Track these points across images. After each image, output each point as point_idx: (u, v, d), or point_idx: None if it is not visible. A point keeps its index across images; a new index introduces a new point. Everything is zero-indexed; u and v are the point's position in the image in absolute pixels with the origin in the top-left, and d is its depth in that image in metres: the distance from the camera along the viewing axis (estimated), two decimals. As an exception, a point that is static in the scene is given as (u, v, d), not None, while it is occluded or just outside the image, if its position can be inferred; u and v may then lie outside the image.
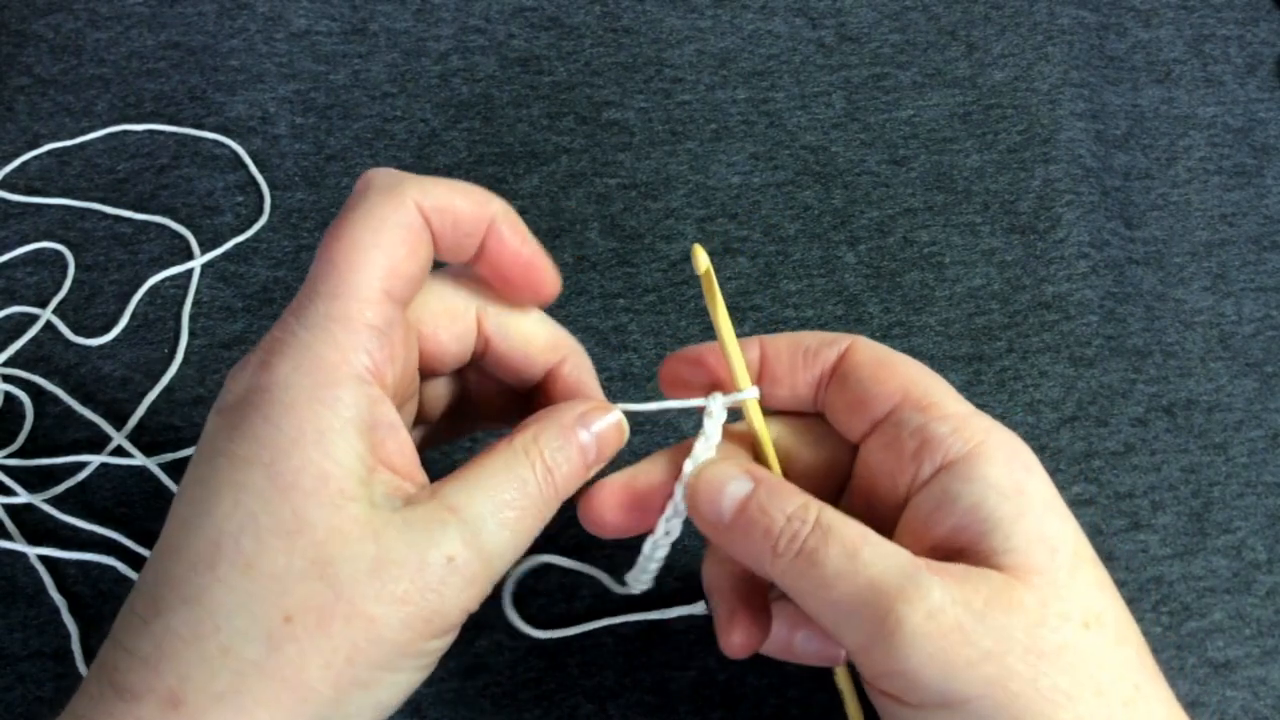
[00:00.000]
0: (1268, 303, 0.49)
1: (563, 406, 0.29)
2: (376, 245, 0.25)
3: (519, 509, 0.26)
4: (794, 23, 0.57)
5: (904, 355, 0.30)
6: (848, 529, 0.27)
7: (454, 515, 0.25)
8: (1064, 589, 0.25)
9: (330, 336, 0.25)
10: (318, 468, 0.24)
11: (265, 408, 0.24)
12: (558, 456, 0.28)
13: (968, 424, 0.28)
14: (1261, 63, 0.57)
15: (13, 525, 0.41)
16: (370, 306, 0.25)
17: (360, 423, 0.25)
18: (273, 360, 0.25)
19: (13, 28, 0.54)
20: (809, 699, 0.39)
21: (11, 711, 0.38)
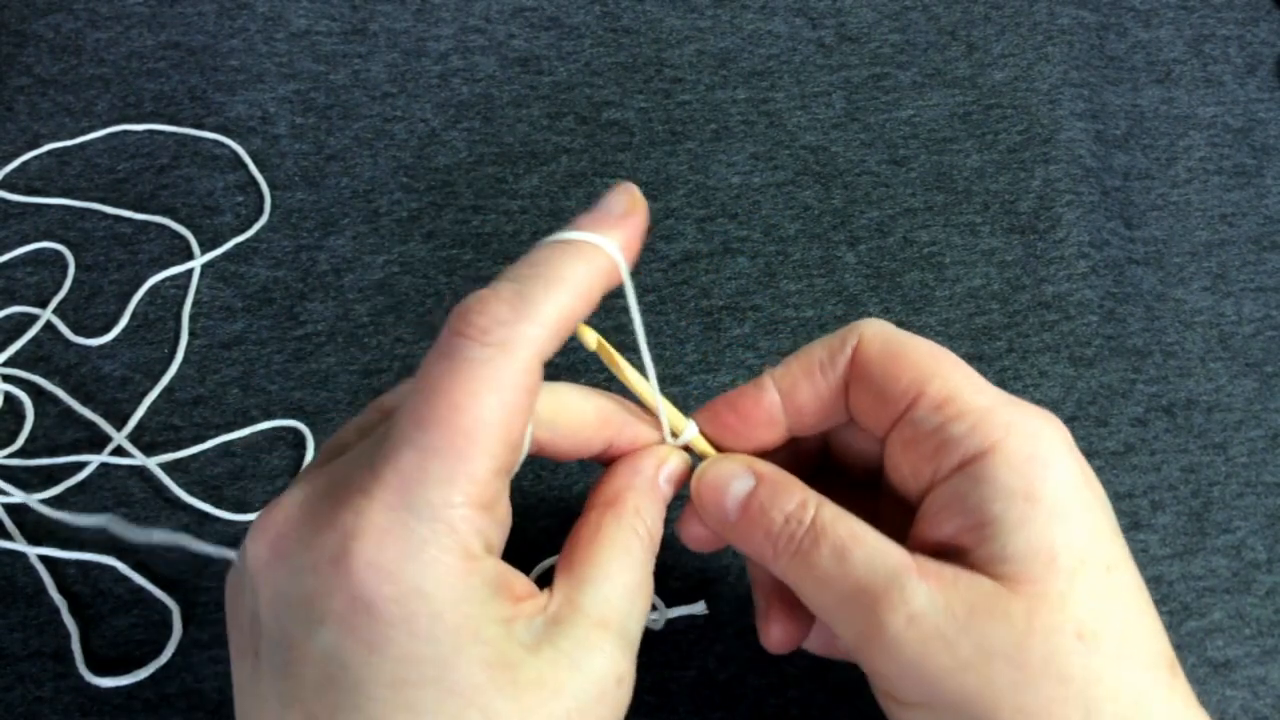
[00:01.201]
0: (1267, 303, 0.49)
1: (643, 461, 0.29)
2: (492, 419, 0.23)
3: (644, 587, 0.27)
4: (794, 23, 0.57)
5: (915, 340, 0.28)
6: (840, 528, 0.27)
7: (603, 629, 0.25)
8: (1057, 599, 0.24)
9: (450, 529, 0.22)
10: (481, 660, 0.22)
11: (409, 621, 0.22)
12: (656, 519, 0.28)
13: (986, 420, 0.26)
14: (1261, 63, 0.57)
15: (13, 525, 0.41)
16: (483, 490, 0.23)
17: (493, 594, 0.23)
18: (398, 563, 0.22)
19: (13, 28, 0.54)
20: (809, 699, 0.39)
21: (11, 711, 0.38)
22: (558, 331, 0.24)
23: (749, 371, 0.46)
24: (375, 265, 0.48)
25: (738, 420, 0.30)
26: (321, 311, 0.46)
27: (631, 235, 0.26)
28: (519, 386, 0.23)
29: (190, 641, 0.39)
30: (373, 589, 0.22)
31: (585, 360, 0.46)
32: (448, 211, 0.49)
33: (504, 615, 0.23)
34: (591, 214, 0.26)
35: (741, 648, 0.40)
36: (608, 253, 0.24)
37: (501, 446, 0.23)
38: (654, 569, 0.28)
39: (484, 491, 0.23)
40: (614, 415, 0.30)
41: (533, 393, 0.24)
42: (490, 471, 0.23)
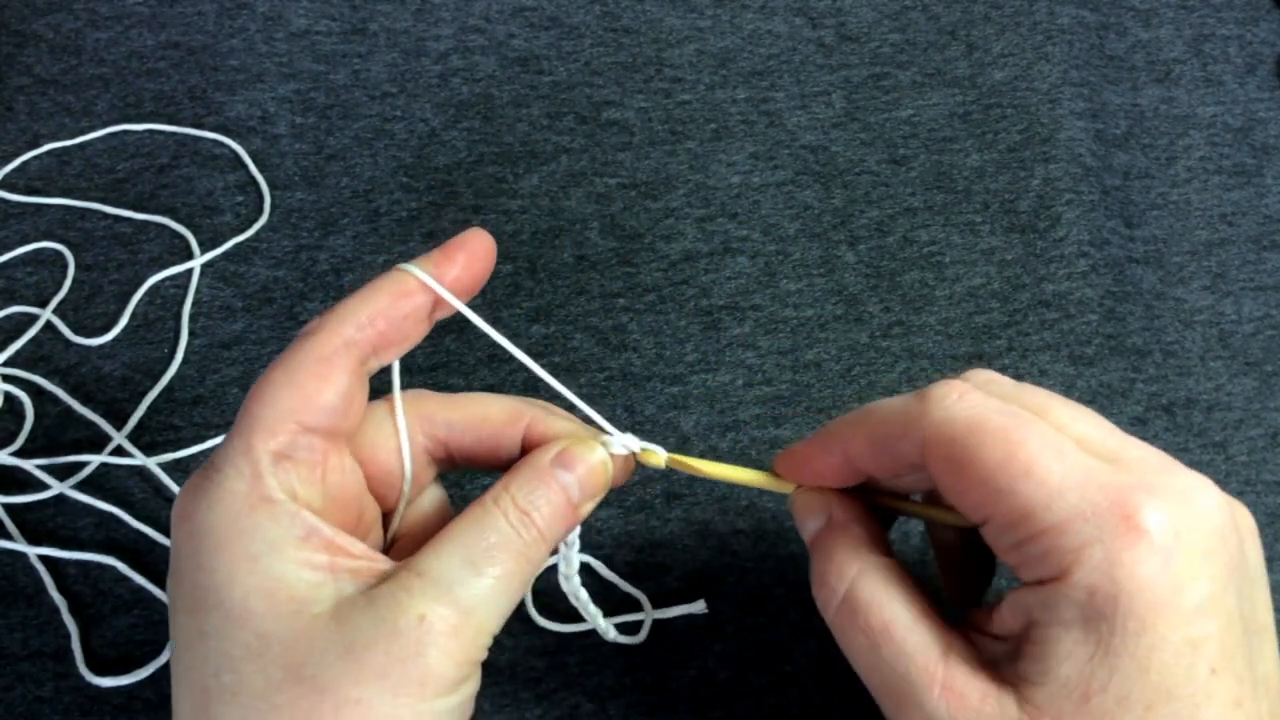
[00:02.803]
0: (1267, 302, 0.49)
1: (537, 451, 0.29)
2: (286, 381, 0.27)
3: (494, 557, 0.26)
4: (794, 22, 0.57)
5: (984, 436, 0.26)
6: (874, 617, 0.27)
7: (420, 578, 0.25)
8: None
9: (238, 471, 0.26)
10: (261, 588, 0.25)
11: (198, 556, 0.25)
12: (534, 499, 0.28)
13: (1059, 544, 0.24)
14: (1261, 63, 0.57)
15: (13, 525, 0.41)
16: (274, 436, 0.26)
17: (291, 537, 0.25)
18: (190, 508, 0.26)
19: (13, 28, 0.54)
20: (809, 699, 0.39)
21: (12, 711, 0.38)
22: (363, 320, 0.28)
23: (749, 371, 0.46)
24: (375, 265, 0.48)
25: (809, 473, 0.31)
26: (321, 311, 0.46)
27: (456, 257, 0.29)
28: (312, 359, 0.27)
29: (190, 641, 0.39)
30: (178, 536, 0.26)
31: (585, 360, 0.46)
32: (448, 211, 0.49)
33: (309, 559, 0.25)
34: None
35: (741, 647, 0.40)
36: (409, 270, 0.28)
37: (292, 405, 0.26)
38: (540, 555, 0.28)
39: (278, 441, 0.26)
40: (526, 412, 0.30)
41: (331, 364, 0.27)
42: (282, 425, 0.26)
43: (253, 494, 0.26)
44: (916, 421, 0.27)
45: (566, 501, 0.28)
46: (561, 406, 0.31)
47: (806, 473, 0.31)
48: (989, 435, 0.26)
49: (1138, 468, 0.25)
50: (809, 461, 0.30)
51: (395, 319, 0.28)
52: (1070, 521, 0.24)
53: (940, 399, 0.27)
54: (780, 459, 0.31)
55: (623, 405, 0.44)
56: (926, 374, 0.46)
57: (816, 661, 0.39)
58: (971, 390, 0.27)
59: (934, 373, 0.46)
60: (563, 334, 0.46)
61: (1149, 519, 0.24)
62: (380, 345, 0.28)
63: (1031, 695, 0.25)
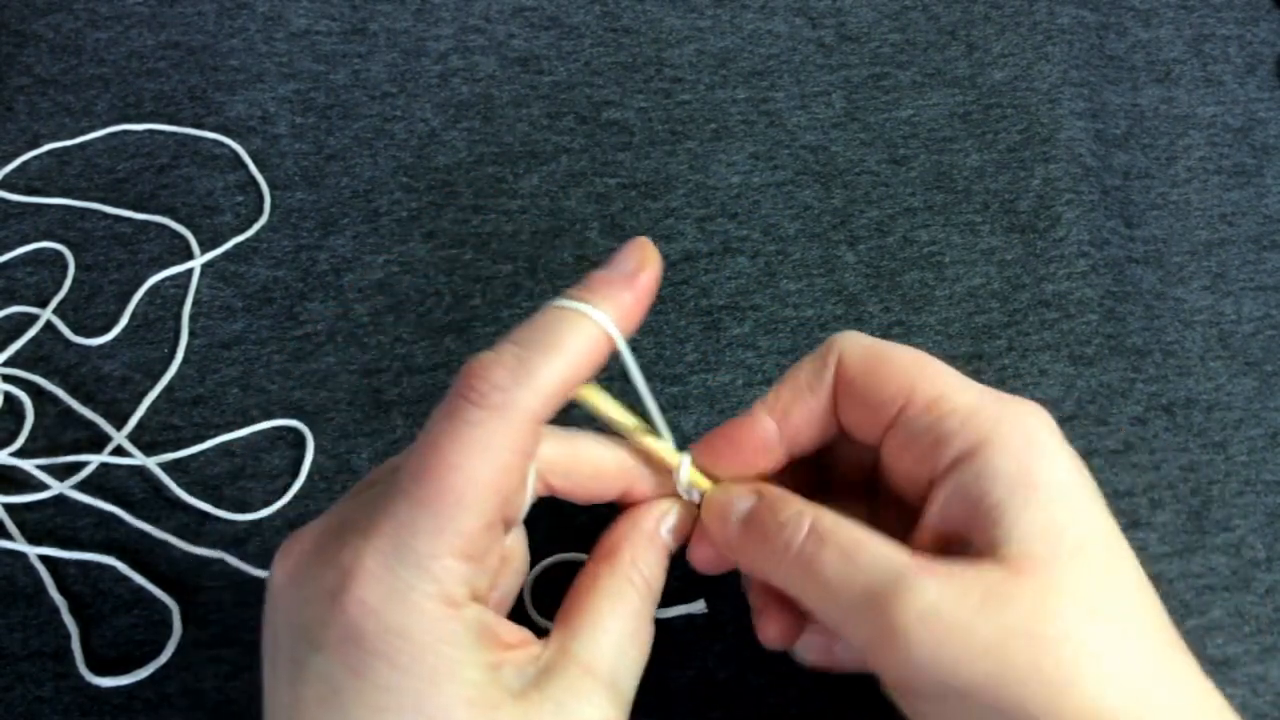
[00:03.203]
0: (1267, 302, 0.49)
1: (642, 514, 0.31)
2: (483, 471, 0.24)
3: (638, 636, 0.28)
4: (794, 22, 0.57)
5: (895, 347, 0.29)
6: (842, 533, 0.27)
7: (592, 677, 0.26)
8: (1065, 579, 0.25)
9: (430, 576, 0.24)
10: (461, 698, 0.24)
11: (391, 656, 0.24)
12: (655, 569, 0.30)
13: (977, 414, 0.27)
14: (1261, 63, 0.57)
15: (13, 525, 0.41)
16: (470, 543, 0.25)
17: (475, 638, 0.25)
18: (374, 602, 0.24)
19: (13, 28, 0.54)
20: (809, 699, 0.39)
21: (12, 711, 0.38)
22: (553, 397, 0.26)
23: (749, 371, 0.46)
24: (375, 265, 0.48)
25: (734, 450, 0.31)
26: (321, 311, 0.46)
27: (636, 296, 0.27)
28: (511, 448, 0.25)
29: (190, 641, 0.39)
30: (360, 624, 0.24)
31: (585, 360, 0.46)
32: (448, 211, 0.49)
33: (488, 660, 0.25)
34: (602, 272, 0.27)
35: (741, 647, 0.40)
36: (589, 316, 0.26)
37: (489, 504, 0.25)
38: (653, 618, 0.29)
39: (469, 545, 0.24)
40: (631, 467, 0.31)
41: (526, 454, 0.26)
42: (476, 527, 0.24)
43: (441, 599, 0.24)
44: (831, 348, 0.30)
45: (666, 559, 0.31)
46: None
47: (732, 453, 0.31)
48: (898, 346, 0.29)
49: None
50: (735, 436, 0.30)
51: (579, 384, 0.27)
52: (982, 400, 0.28)
53: (844, 334, 0.30)
54: (700, 446, 0.31)
55: (623, 405, 0.44)
56: (926, 374, 0.46)
57: (816, 661, 0.39)
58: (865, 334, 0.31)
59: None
60: (563, 334, 0.46)
61: (1038, 406, 0.28)
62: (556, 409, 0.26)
63: (1005, 555, 0.25)
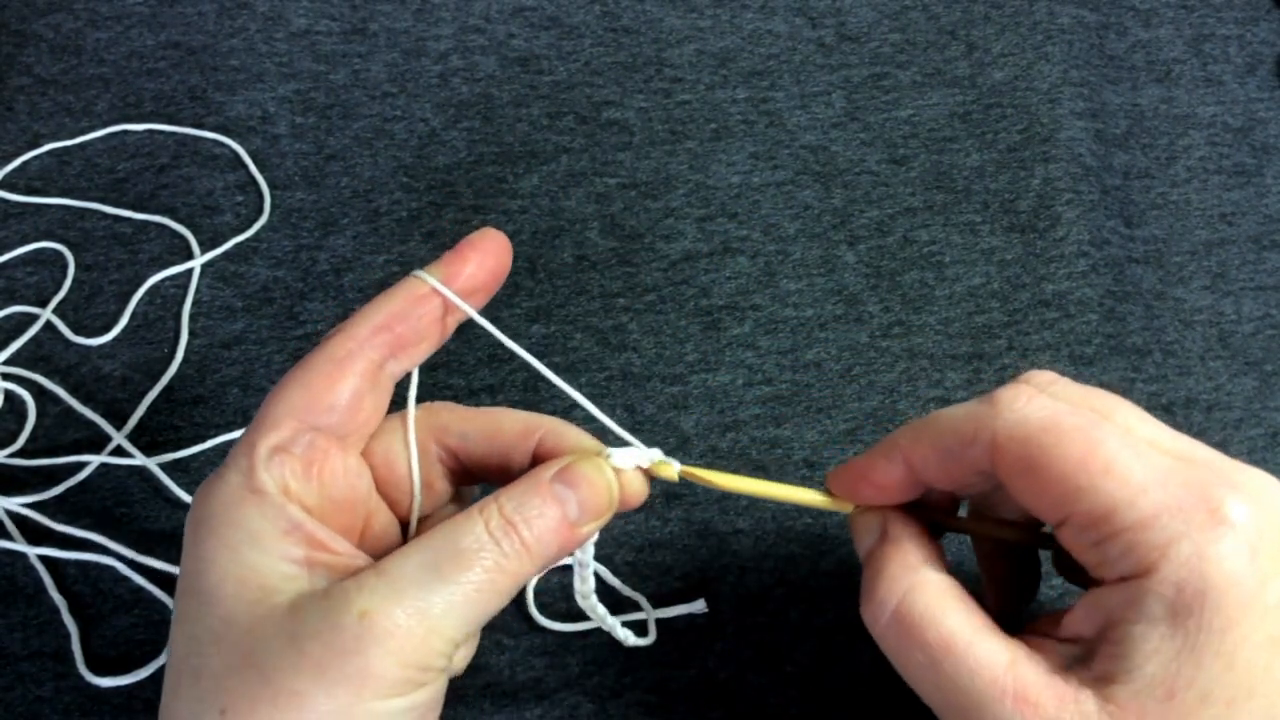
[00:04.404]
0: (1267, 301, 0.49)
1: (541, 466, 0.28)
2: (297, 382, 0.28)
3: (462, 562, 0.26)
4: (794, 22, 0.57)
5: (1060, 435, 0.26)
6: (931, 633, 0.26)
7: (379, 576, 0.25)
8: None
9: (237, 464, 0.27)
10: (233, 575, 0.26)
11: (191, 544, 0.27)
12: (525, 511, 0.27)
13: (1143, 540, 0.25)
14: (1261, 63, 0.57)
15: (13, 525, 0.41)
16: (275, 432, 0.27)
17: (273, 529, 0.26)
18: (198, 497, 0.27)
19: (13, 28, 0.54)
20: (809, 699, 0.39)
21: (11, 711, 0.38)
22: (374, 328, 0.28)
23: (749, 371, 0.46)
24: (375, 265, 0.48)
25: (867, 487, 0.30)
26: (321, 311, 0.46)
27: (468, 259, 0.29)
28: (324, 360, 0.28)
29: (190, 641, 0.39)
30: (186, 525, 0.27)
31: (585, 360, 0.46)
32: (448, 211, 0.49)
33: (287, 553, 0.26)
34: None
35: (741, 647, 0.40)
36: (421, 276, 0.29)
37: (298, 403, 0.27)
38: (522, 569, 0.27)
39: (276, 437, 0.27)
40: (539, 425, 0.30)
41: (342, 365, 0.28)
42: (283, 421, 0.27)
43: (244, 486, 0.26)
44: (987, 424, 0.27)
45: (562, 519, 0.27)
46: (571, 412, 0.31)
47: (864, 487, 0.30)
48: (1065, 435, 0.26)
49: (1211, 465, 0.26)
50: (869, 474, 0.30)
51: (410, 322, 0.29)
52: (1156, 517, 0.24)
53: (1010, 402, 0.27)
54: (835, 475, 0.31)
55: (623, 405, 0.44)
56: (926, 374, 0.46)
57: (816, 661, 0.39)
58: (1039, 394, 0.27)
59: (934, 372, 0.46)
60: (563, 334, 0.46)
61: (1234, 512, 0.24)
62: (396, 348, 0.29)
63: (1113, 694, 0.24)
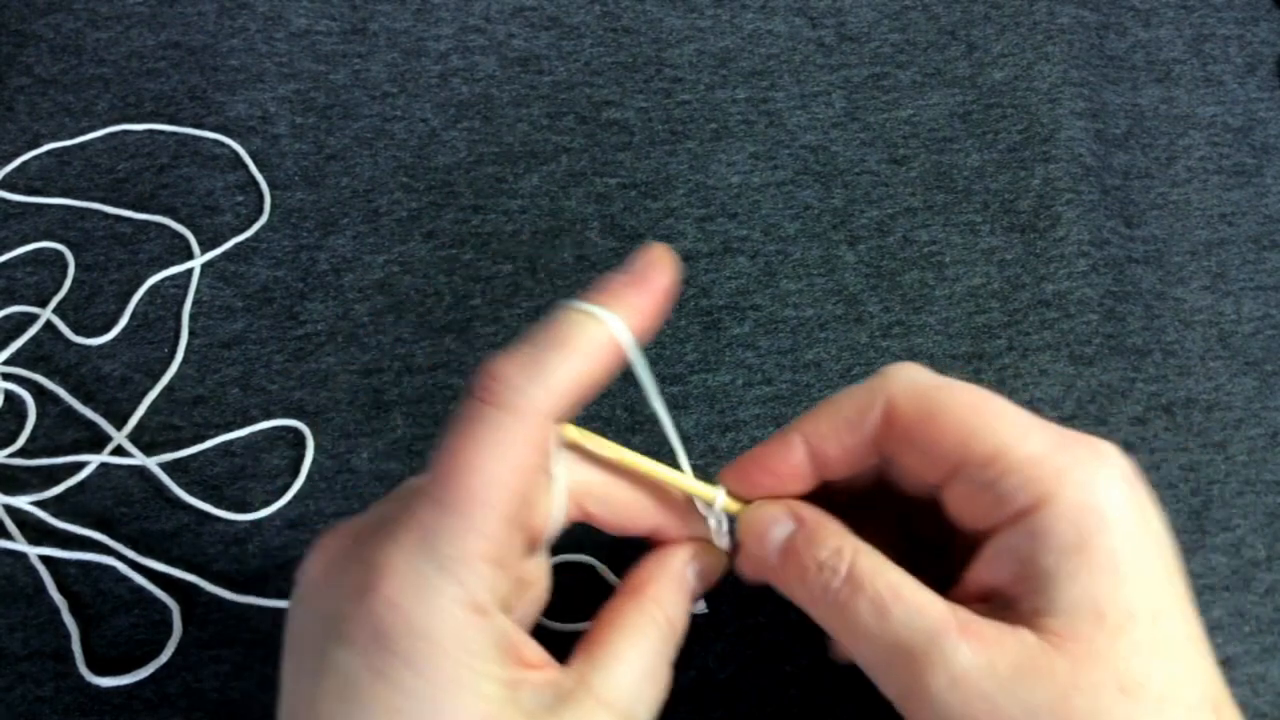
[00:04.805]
0: (1267, 301, 0.49)
1: (671, 554, 0.30)
2: (498, 471, 0.24)
3: (656, 675, 0.28)
4: (794, 22, 0.57)
5: (950, 392, 0.28)
6: (879, 582, 0.26)
7: (607, 710, 0.26)
8: (1103, 655, 0.24)
9: (456, 579, 0.24)
10: (476, 712, 0.24)
11: (412, 659, 0.23)
12: (678, 610, 0.29)
13: (1036, 472, 0.26)
14: (1261, 63, 0.57)
15: (13, 525, 0.41)
16: (492, 543, 0.24)
17: (498, 651, 0.25)
18: (402, 601, 0.24)
19: (13, 28, 0.54)
20: (809, 699, 0.39)
21: (12, 711, 0.38)
22: (566, 395, 0.25)
23: (749, 371, 0.46)
24: (375, 265, 0.48)
25: (767, 478, 0.30)
26: (321, 311, 0.46)
27: (650, 300, 0.28)
28: (527, 445, 0.25)
29: (190, 641, 0.39)
30: (386, 621, 0.24)
31: (585, 360, 0.46)
32: (448, 211, 0.49)
33: (508, 677, 0.24)
34: (616, 276, 0.28)
35: (741, 647, 0.40)
36: (601, 319, 0.26)
37: (509, 504, 0.25)
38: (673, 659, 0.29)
39: (494, 547, 0.24)
40: (667, 502, 0.31)
41: (542, 451, 0.25)
42: (500, 529, 0.24)
43: (469, 604, 0.24)
44: (882, 388, 0.28)
45: (690, 601, 0.30)
46: None
47: (761, 476, 0.30)
48: (955, 389, 0.28)
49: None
50: (766, 461, 0.30)
51: (597, 385, 0.26)
52: (1045, 454, 0.26)
53: (899, 370, 0.29)
54: (731, 470, 0.31)
55: (623, 405, 0.44)
56: (926, 374, 0.46)
57: (816, 661, 0.39)
58: (924, 369, 0.29)
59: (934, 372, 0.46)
60: (563, 334, 0.46)
61: (1108, 451, 0.27)
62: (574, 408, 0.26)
63: (1046, 625, 0.25)
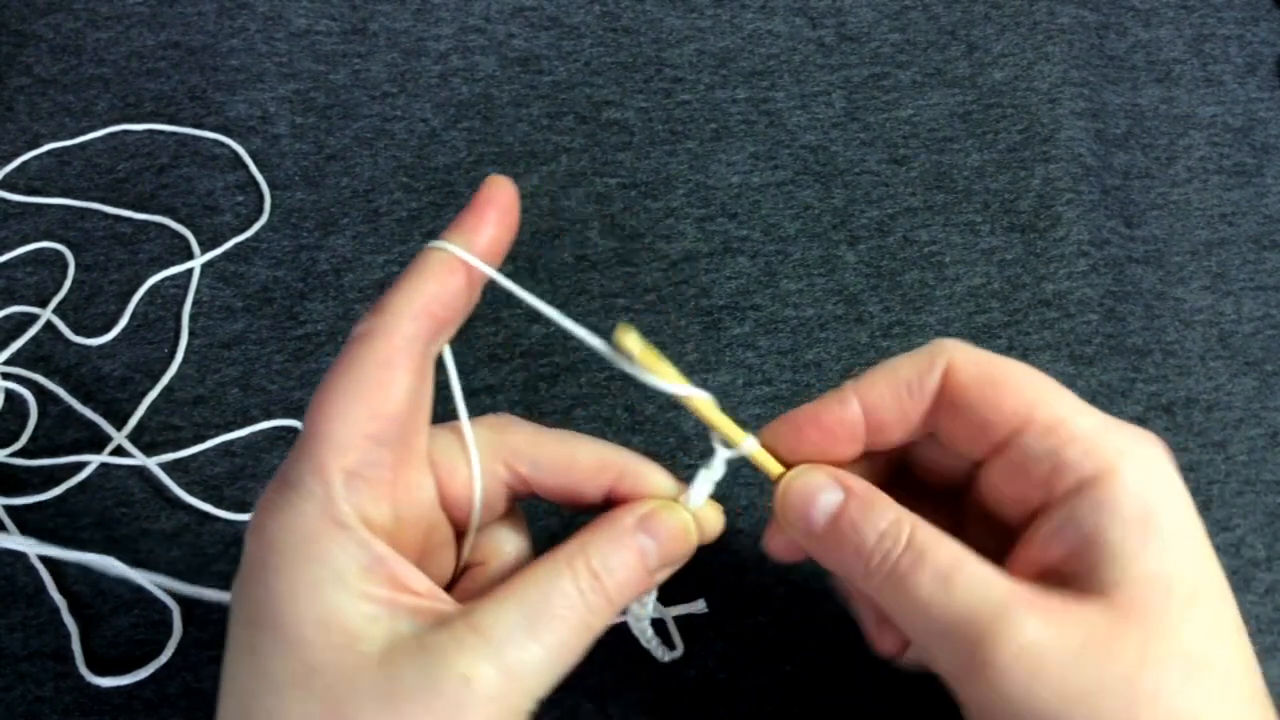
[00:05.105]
0: (1267, 301, 0.49)
1: (621, 511, 0.28)
2: (350, 391, 0.26)
3: (555, 622, 0.25)
4: (794, 22, 0.57)
5: (1011, 364, 0.28)
6: (942, 551, 0.26)
7: (476, 634, 0.24)
8: (1171, 630, 0.24)
9: (309, 490, 0.25)
10: (315, 617, 0.24)
11: (262, 574, 0.25)
12: (609, 562, 0.26)
13: (1102, 442, 0.26)
14: (1261, 63, 0.57)
15: (13, 525, 0.41)
16: (345, 454, 0.25)
17: (356, 567, 0.25)
18: (263, 523, 0.25)
19: (13, 28, 0.54)
20: (809, 699, 0.39)
21: (12, 711, 0.38)
22: (420, 313, 0.26)
23: (749, 371, 0.46)
24: (375, 265, 0.48)
25: (819, 434, 0.29)
26: (321, 311, 0.46)
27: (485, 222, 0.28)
28: (381, 365, 0.26)
29: (190, 641, 0.39)
30: (249, 548, 0.25)
31: (585, 360, 0.46)
32: (448, 211, 0.49)
33: (379, 594, 0.25)
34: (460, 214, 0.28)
35: (741, 647, 0.40)
36: (444, 248, 0.27)
37: (368, 421, 0.25)
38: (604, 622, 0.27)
39: (351, 459, 0.25)
40: (615, 463, 0.29)
41: (394, 367, 0.26)
42: (357, 440, 0.25)
43: (324, 516, 0.25)
44: (942, 352, 0.28)
45: (643, 568, 0.27)
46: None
47: (812, 432, 0.29)
48: (1013, 361, 0.28)
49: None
50: (819, 417, 0.29)
51: (444, 300, 0.27)
52: (1104, 428, 0.26)
53: (949, 341, 0.28)
54: (775, 427, 0.29)
55: (623, 405, 0.44)
56: (926, 374, 0.46)
57: (816, 661, 0.39)
58: None
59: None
60: (562, 334, 0.46)
61: (1157, 440, 0.27)
62: (436, 331, 0.27)
63: (1116, 598, 0.24)
